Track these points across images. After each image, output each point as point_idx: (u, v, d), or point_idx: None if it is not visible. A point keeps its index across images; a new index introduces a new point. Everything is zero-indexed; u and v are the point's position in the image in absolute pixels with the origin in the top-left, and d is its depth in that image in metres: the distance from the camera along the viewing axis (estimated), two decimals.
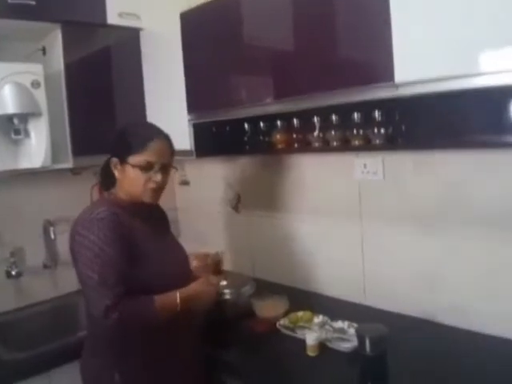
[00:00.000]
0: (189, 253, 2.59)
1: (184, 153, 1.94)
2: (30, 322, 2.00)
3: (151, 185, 1.38)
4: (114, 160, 1.41)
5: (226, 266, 2.42)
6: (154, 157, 1.37)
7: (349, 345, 1.48)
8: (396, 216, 1.72)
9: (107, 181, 1.47)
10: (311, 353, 1.47)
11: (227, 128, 2.05)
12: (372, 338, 1.31)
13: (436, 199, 1.60)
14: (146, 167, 1.36)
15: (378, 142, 1.60)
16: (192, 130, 1.97)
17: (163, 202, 1.55)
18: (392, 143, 1.58)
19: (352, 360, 1.40)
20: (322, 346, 1.49)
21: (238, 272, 2.33)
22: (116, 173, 1.41)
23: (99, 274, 1.26)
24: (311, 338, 1.47)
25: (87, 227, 1.30)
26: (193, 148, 1.97)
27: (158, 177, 1.37)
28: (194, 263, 2.12)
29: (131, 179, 1.38)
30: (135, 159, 1.36)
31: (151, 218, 1.47)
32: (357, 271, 1.86)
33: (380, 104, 1.54)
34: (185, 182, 2.61)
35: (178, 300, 1.34)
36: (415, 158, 1.64)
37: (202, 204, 2.54)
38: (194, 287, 1.43)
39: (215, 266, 2.34)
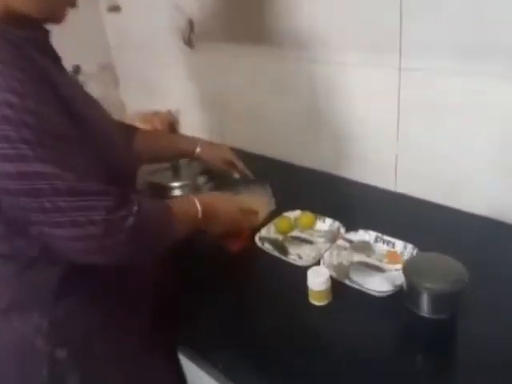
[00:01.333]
0: (132, 112, 1.88)
1: None
2: None
3: None
4: None
5: (183, 131, 1.72)
6: None
7: (385, 285, 0.85)
8: (462, 46, 0.94)
9: None
10: (316, 301, 0.85)
11: None
12: (436, 296, 0.69)
13: None
14: None
15: None
16: None
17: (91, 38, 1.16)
18: None
19: (389, 313, 0.80)
20: (336, 284, 0.87)
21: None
22: None
23: (60, 162, 0.60)
24: (318, 279, 0.84)
25: None
26: None
27: None
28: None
29: None
30: None
31: (49, 50, 0.77)
32: (388, 140, 1.14)
33: None
34: (114, 8, 1.74)
35: (199, 207, 0.82)
36: None
37: (141, 39, 1.71)
38: (215, 196, 0.98)
39: (168, 131, 1.67)
